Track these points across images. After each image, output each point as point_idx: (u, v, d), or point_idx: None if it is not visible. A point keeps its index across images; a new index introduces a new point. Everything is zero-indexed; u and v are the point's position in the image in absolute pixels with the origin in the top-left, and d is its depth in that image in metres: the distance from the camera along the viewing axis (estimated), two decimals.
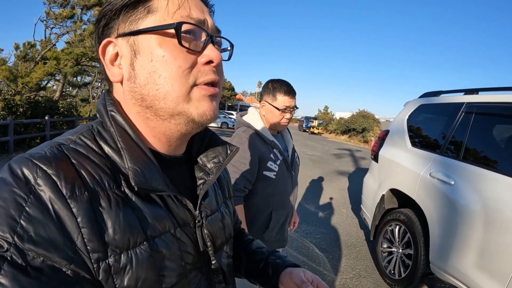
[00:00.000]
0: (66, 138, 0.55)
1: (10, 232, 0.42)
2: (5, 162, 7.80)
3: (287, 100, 1.83)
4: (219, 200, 0.78)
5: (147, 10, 0.56)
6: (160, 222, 0.56)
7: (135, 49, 0.56)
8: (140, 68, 0.56)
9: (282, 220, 1.93)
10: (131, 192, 0.54)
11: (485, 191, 2.42)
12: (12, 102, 9.90)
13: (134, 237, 0.52)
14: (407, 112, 3.92)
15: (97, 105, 0.62)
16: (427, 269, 2.92)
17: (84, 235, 0.46)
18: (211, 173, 0.70)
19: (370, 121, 28.28)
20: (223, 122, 27.60)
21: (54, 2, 12.73)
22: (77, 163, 0.51)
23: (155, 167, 0.57)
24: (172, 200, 0.60)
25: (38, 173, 0.46)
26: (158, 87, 0.55)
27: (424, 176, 3.07)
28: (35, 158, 0.48)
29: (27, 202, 0.44)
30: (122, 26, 0.58)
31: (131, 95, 0.58)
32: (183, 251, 0.60)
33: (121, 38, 0.58)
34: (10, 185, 0.45)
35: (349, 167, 11.98)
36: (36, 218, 0.43)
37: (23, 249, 0.42)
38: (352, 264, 3.87)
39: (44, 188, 0.45)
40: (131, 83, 0.58)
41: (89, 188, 0.49)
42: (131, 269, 0.50)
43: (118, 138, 0.56)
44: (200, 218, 0.66)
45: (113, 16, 0.58)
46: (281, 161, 1.87)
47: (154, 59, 0.55)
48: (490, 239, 2.28)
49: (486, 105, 2.82)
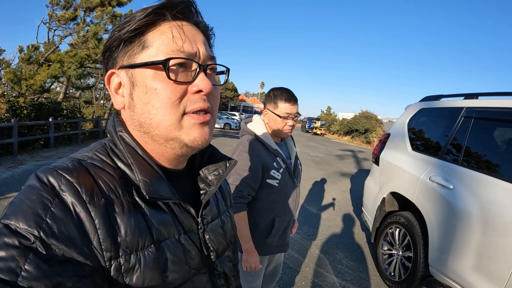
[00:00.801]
0: (83, 155, 0.62)
1: (36, 227, 0.48)
2: (9, 163, 7.89)
3: (288, 107, 1.86)
4: (221, 209, 0.85)
5: (142, 45, 0.62)
6: (166, 228, 0.63)
7: (132, 81, 0.63)
8: (137, 98, 0.62)
9: (284, 226, 1.97)
10: (141, 200, 0.61)
11: (483, 195, 2.45)
12: (16, 104, 9.96)
13: (142, 240, 0.58)
14: (408, 115, 3.96)
15: (108, 126, 0.69)
16: (426, 272, 2.96)
17: (100, 236, 0.53)
18: (212, 185, 0.76)
19: (373, 122, 28.22)
20: (226, 123, 27.54)
21: (57, 4, 12.80)
22: (95, 174, 0.58)
23: (162, 178, 0.64)
24: (177, 208, 0.66)
25: (62, 181, 0.53)
26: (152, 116, 0.61)
27: (423, 180, 3.10)
28: (59, 169, 0.55)
29: (53, 204, 0.50)
30: (122, 59, 0.64)
31: (131, 121, 0.65)
32: (187, 256, 0.66)
33: (122, 70, 0.64)
34: (38, 190, 0.51)
35: (351, 169, 11.99)
36: (60, 217, 0.50)
37: (47, 242, 0.47)
38: (353, 266, 3.91)
39: (67, 193, 0.52)
40: (130, 111, 0.64)
41: (105, 195, 0.56)
42: (139, 268, 0.56)
43: (127, 155, 0.63)
44: (202, 224, 0.72)
45: (115, 49, 0.64)
46: (284, 169, 1.91)
47: (148, 91, 0.61)
48: (488, 243, 2.32)
49: (485, 110, 2.85)
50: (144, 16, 0.60)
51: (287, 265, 3.75)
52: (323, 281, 3.47)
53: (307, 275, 3.59)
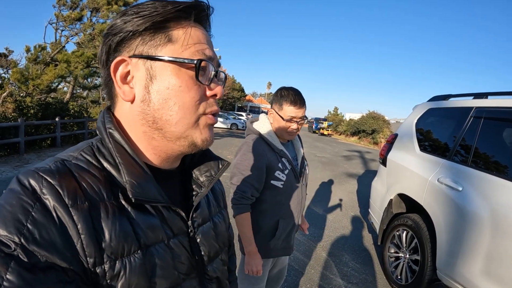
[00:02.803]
0: (68, 155, 0.59)
1: (17, 233, 0.46)
2: (16, 162, 8.01)
3: (292, 110, 1.79)
4: (213, 210, 0.82)
5: (167, 38, 0.60)
6: (153, 232, 0.60)
7: (151, 74, 0.60)
8: (155, 93, 0.60)
9: (289, 229, 1.93)
10: (127, 203, 0.58)
11: (493, 197, 2.39)
12: (23, 104, 10.10)
13: (128, 245, 0.56)
14: (416, 115, 3.89)
15: (97, 123, 0.66)
16: (433, 276, 2.89)
17: (83, 241, 0.51)
18: (203, 186, 0.74)
19: (380, 123, 27.99)
20: (233, 123, 27.55)
21: (64, 5, 12.91)
22: (79, 176, 0.55)
23: (150, 180, 0.61)
24: (166, 210, 0.64)
25: (43, 184, 0.51)
26: (172, 113, 0.60)
27: (432, 181, 3.04)
28: (41, 171, 0.52)
29: (34, 208, 0.48)
30: (140, 48, 0.60)
31: (141, 115, 0.62)
32: (176, 260, 0.64)
33: (137, 59, 0.60)
34: (18, 193, 0.49)
35: (358, 169, 11.90)
36: (41, 222, 0.48)
37: (28, 249, 0.46)
38: (359, 268, 3.85)
39: (48, 197, 0.50)
40: (144, 105, 0.61)
41: (89, 198, 0.54)
42: (124, 275, 0.54)
43: (116, 154, 0.60)
44: (193, 227, 0.70)
45: (131, 36, 0.60)
46: (289, 170, 1.86)
47: (171, 87, 0.59)
48: (498, 246, 2.25)
49: (495, 110, 2.78)
50: (175, 10, 0.59)
51: (292, 267, 3.71)
52: (328, 284, 3.43)
53: (313, 277, 3.54)
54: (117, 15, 0.62)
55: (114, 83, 0.62)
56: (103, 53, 0.63)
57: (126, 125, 0.64)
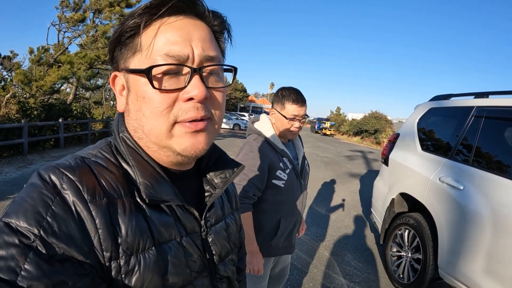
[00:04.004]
0: (88, 153, 0.61)
1: (37, 226, 0.47)
2: (19, 163, 8.05)
3: (295, 108, 1.82)
4: (226, 211, 0.83)
5: (133, 49, 0.59)
6: (167, 230, 0.61)
7: (127, 86, 0.61)
8: (131, 104, 0.61)
9: (290, 228, 1.94)
10: (142, 201, 0.60)
11: (494, 196, 2.40)
12: (27, 105, 10.14)
13: (143, 241, 0.57)
14: (418, 115, 3.90)
15: (113, 126, 0.69)
16: (435, 274, 2.91)
17: (100, 235, 0.52)
18: (217, 187, 0.75)
19: (383, 122, 27.95)
20: (235, 123, 27.61)
21: (67, 6, 12.95)
22: (98, 173, 0.57)
23: (164, 180, 0.62)
24: (180, 209, 0.65)
25: (63, 179, 0.52)
26: (144, 123, 0.59)
27: (433, 180, 3.05)
28: (61, 167, 0.54)
29: (54, 202, 0.50)
30: (121, 62, 0.62)
31: (129, 126, 0.64)
32: (189, 259, 0.65)
33: (122, 73, 0.62)
34: (39, 187, 0.51)
35: (361, 169, 11.90)
36: (60, 216, 0.49)
37: (47, 241, 0.47)
38: (361, 267, 3.87)
39: (68, 192, 0.52)
40: (127, 115, 0.64)
41: (107, 195, 0.55)
42: (138, 270, 0.55)
43: (129, 157, 0.62)
44: (205, 227, 0.71)
45: (114, 51, 0.62)
46: (290, 169, 1.88)
47: (138, 98, 0.59)
48: (499, 245, 2.27)
49: (496, 109, 2.80)
50: (137, 16, 0.56)
51: (295, 266, 3.73)
52: (331, 283, 3.44)
53: (315, 277, 3.56)
54: None
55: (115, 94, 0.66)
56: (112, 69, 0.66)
57: None
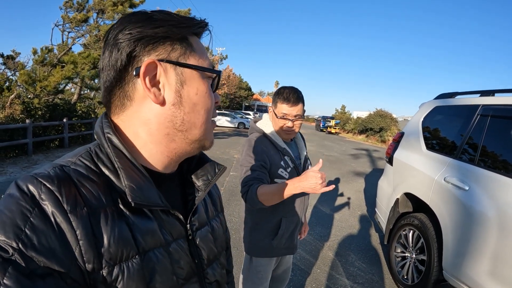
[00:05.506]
0: (67, 160, 0.59)
1: (15, 239, 0.46)
2: (24, 163, 8.13)
3: (285, 107, 1.80)
4: (210, 214, 0.82)
5: (192, 48, 0.64)
6: (152, 237, 0.60)
7: (181, 80, 0.62)
8: (186, 97, 0.63)
9: (292, 228, 1.92)
10: (126, 208, 0.58)
11: (500, 197, 2.35)
12: (31, 105, 10.23)
13: (126, 250, 0.56)
14: (422, 114, 3.85)
15: (95, 128, 0.66)
16: (440, 276, 2.86)
17: (81, 247, 0.51)
18: (200, 190, 0.75)
19: (388, 121, 27.76)
20: (240, 122, 27.54)
21: (71, 7, 13.00)
22: (78, 182, 0.55)
23: (150, 183, 0.61)
24: (165, 215, 0.64)
25: (42, 189, 0.51)
26: (199, 117, 0.65)
27: (438, 180, 3.00)
28: (39, 177, 0.52)
29: (32, 214, 0.48)
30: (172, 54, 0.61)
31: (170, 118, 0.63)
32: (175, 265, 0.64)
33: (166, 64, 0.61)
34: (17, 199, 0.49)
35: (366, 168, 11.82)
36: (40, 228, 0.48)
37: (26, 255, 0.46)
38: (365, 268, 3.83)
39: (47, 203, 0.50)
40: (176, 108, 0.63)
41: (88, 204, 0.54)
42: (122, 280, 0.54)
43: (115, 159, 0.60)
44: (191, 231, 0.71)
45: (161, 41, 0.60)
46: (291, 168, 1.87)
47: (199, 93, 0.64)
48: (504, 247, 2.22)
49: (502, 108, 2.73)
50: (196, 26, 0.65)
51: (298, 266, 3.70)
52: (334, 284, 3.41)
53: (318, 277, 3.53)
54: (132, 18, 0.61)
55: (142, 84, 0.59)
56: (122, 55, 0.59)
57: (133, 129, 0.63)
